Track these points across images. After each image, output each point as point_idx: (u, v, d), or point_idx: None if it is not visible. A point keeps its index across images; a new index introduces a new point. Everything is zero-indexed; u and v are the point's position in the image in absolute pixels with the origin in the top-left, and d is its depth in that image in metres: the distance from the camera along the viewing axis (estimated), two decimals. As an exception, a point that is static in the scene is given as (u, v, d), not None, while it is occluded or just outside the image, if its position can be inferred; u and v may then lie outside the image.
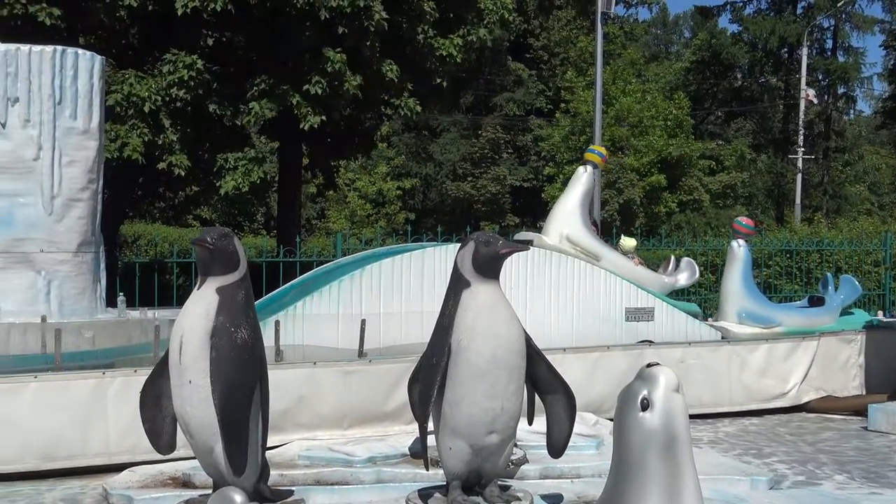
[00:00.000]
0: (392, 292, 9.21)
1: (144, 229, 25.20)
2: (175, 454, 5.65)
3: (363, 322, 8.42)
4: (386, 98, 16.61)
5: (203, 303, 5.23)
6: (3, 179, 9.58)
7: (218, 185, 15.64)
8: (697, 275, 11.42)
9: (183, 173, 14.99)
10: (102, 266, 10.25)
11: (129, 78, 14.59)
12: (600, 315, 10.16)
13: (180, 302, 12.93)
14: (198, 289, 5.32)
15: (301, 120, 15.12)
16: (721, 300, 11.57)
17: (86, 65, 9.96)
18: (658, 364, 4.31)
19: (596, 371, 9.14)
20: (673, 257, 11.66)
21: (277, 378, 6.82)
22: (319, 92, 14.85)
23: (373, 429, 7.97)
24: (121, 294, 10.43)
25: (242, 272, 5.36)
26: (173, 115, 14.93)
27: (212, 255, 5.23)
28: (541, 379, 5.60)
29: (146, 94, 14.46)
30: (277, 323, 8.15)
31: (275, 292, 10.26)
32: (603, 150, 11.59)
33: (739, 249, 11.42)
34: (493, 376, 5.32)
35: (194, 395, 5.13)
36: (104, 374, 7.33)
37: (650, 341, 10.09)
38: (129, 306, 10.65)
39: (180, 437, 5.43)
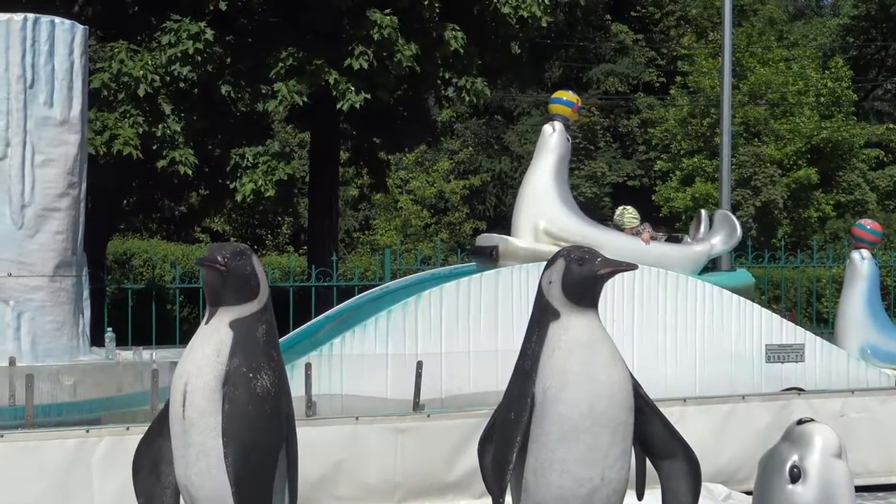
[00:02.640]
0: (456, 326, 9.20)
1: (139, 246, 25.63)
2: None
3: (419, 364, 8.42)
4: (447, 76, 16.66)
5: (213, 341, 5.26)
6: (-40, 184, 9.80)
7: (232, 187, 15.82)
8: (739, 233, 10.86)
9: (189, 173, 15.20)
10: (86, 293, 10.42)
11: (120, 52, 14.86)
12: (732, 354, 10.03)
13: (184, 339, 13.07)
14: (206, 323, 5.36)
15: (339, 99, 15.20)
16: (837, 329, 11.41)
17: (64, 37, 10.16)
18: (812, 420, 4.22)
19: (727, 428, 9.03)
20: (703, 213, 11.22)
21: (309, 437, 6.83)
22: (364, 66, 14.94)
23: (432, 502, 7.96)
24: (109, 329, 10.59)
25: (263, 301, 5.39)
26: (176, 99, 15.16)
27: (224, 279, 5.26)
28: (654, 439, 5.54)
29: (141, 72, 14.71)
30: (309, 366, 8.19)
31: (305, 326, 10.31)
32: (571, 97, 10.65)
33: (863, 263, 11.25)
34: (591, 436, 5.27)
35: (201, 461, 5.16)
36: (88, 432, 7.42)
37: (800, 389, 9.93)
38: (120, 345, 10.81)
39: (185, 514, 5.47)
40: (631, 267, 5.70)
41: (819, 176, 28.66)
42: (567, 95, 10.61)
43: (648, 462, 5.65)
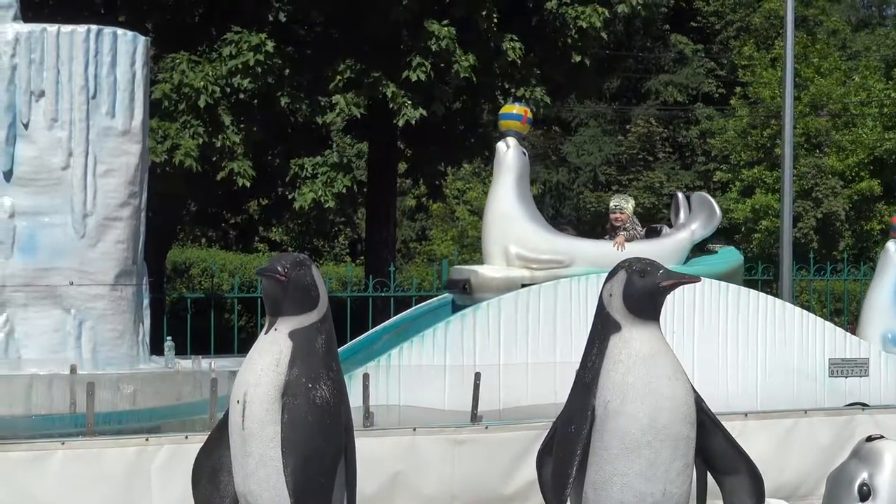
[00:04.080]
0: (515, 337, 9.17)
1: (198, 256, 25.83)
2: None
3: (477, 376, 8.39)
4: (505, 86, 16.64)
5: (273, 351, 5.27)
6: (24, 194, 9.96)
7: (291, 197, 15.90)
8: (718, 214, 10.50)
9: (248, 184, 15.29)
10: (146, 302, 10.53)
11: (181, 63, 15.00)
12: (794, 368, 9.93)
13: (243, 348, 13.15)
14: (265, 332, 5.37)
15: (396, 113, 15.26)
16: (862, 316, 11.30)
17: (126, 48, 10.29)
18: (881, 437, 4.13)
19: (789, 444, 8.90)
20: (681, 196, 10.81)
21: (366, 448, 6.81)
22: (422, 77, 14.97)
23: (490, 516, 7.91)
24: (168, 338, 10.67)
25: (323, 311, 5.39)
26: (236, 110, 15.27)
27: (284, 289, 5.27)
28: (716, 454, 5.48)
29: (201, 83, 14.83)
30: (366, 376, 8.18)
31: (363, 337, 10.32)
32: (519, 109, 10.29)
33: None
34: (653, 450, 5.23)
35: (260, 470, 5.16)
36: (147, 440, 7.45)
37: (864, 404, 9.78)
38: (179, 354, 10.88)
39: (243, 523, 5.47)
40: (693, 280, 5.66)
41: (882, 187, 28.28)
42: (514, 109, 10.32)
43: (710, 477, 5.60)
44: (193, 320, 14.98)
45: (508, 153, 9.91)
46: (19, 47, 10.00)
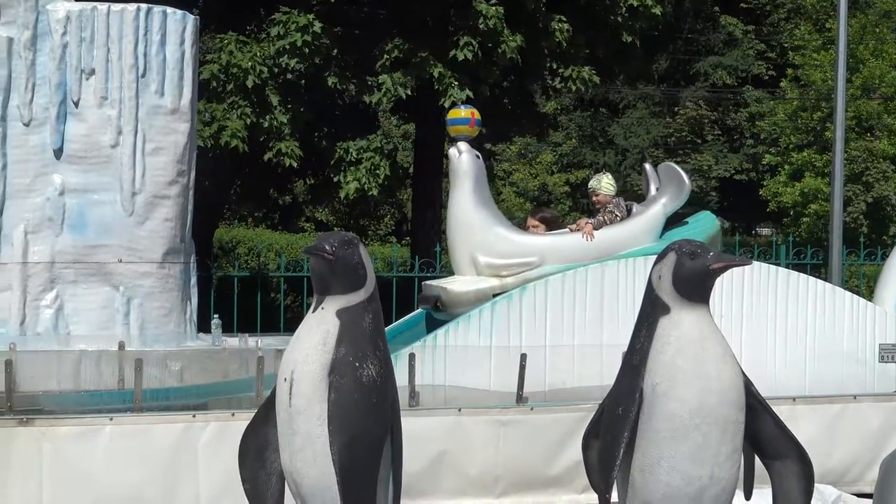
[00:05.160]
0: (561, 319, 9.13)
1: (244, 235, 25.95)
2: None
3: (523, 357, 8.38)
4: (553, 65, 16.57)
5: (320, 330, 5.27)
6: (74, 171, 10.05)
7: (336, 180, 15.94)
8: (687, 183, 9.94)
9: (295, 164, 15.34)
10: (193, 280, 10.59)
11: (229, 44, 15.05)
12: (844, 353, 9.82)
13: (288, 327, 13.22)
14: (313, 311, 5.38)
15: (442, 94, 15.24)
16: (879, 280, 11.06)
17: (176, 27, 10.34)
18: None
19: (838, 429, 8.84)
20: (648, 167, 10.30)
21: (412, 428, 6.81)
22: (469, 57, 14.94)
23: (534, 497, 7.91)
24: (215, 316, 10.73)
25: (370, 290, 5.39)
26: (283, 90, 15.30)
27: (332, 268, 5.27)
28: (765, 438, 5.43)
29: (249, 64, 14.89)
30: (412, 356, 8.20)
31: (409, 317, 10.32)
32: (465, 113, 9.86)
33: None
34: (701, 433, 5.19)
35: (307, 448, 5.18)
36: (194, 417, 7.52)
37: None
38: (226, 332, 10.94)
39: (289, 500, 5.50)
40: (744, 262, 5.62)
41: (934, 172, 27.93)
42: (461, 113, 9.93)
43: (758, 461, 5.56)
44: (240, 299, 15.06)
45: (462, 159, 9.55)
46: (70, 26, 10.07)
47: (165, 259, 10.10)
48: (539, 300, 9.12)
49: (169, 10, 10.39)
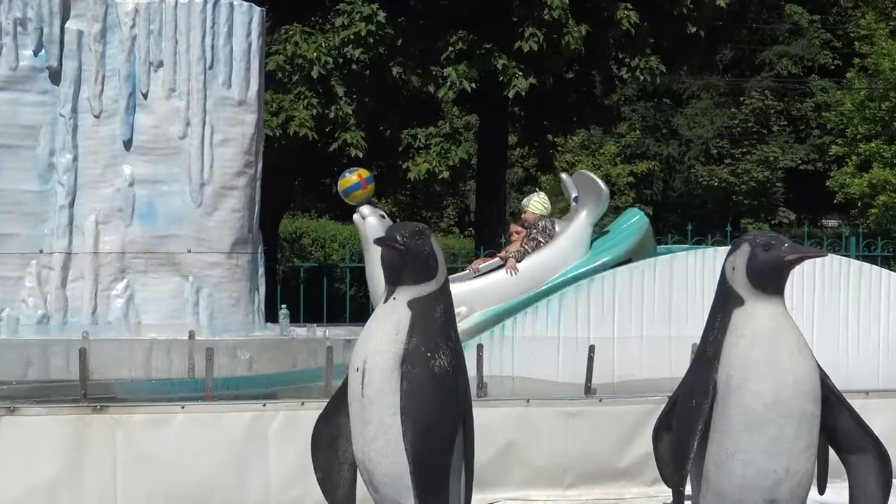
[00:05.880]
0: (630, 310, 9.10)
1: (308, 225, 26.06)
2: (354, 512, 5.75)
3: (592, 349, 8.33)
4: (619, 55, 16.48)
5: (391, 319, 5.27)
6: (143, 162, 10.18)
7: (405, 167, 15.96)
8: (605, 191, 9.55)
9: (360, 154, 15.39)
10: (261, 271, 10.67)
11: (294, 35, 15.13)
12: (918, 346, 9.68)
13: (354, 317, 13.26)
14: (384, 301, 5.38)
15: (506, 85, 15.21)
16: None
17: (242, 19, 10.42)
18: None
19: (911, 423, 8.70)
20: (564, 177, 10.01)
21: (480, 418, 6.77)
22: (533, 48, 14.89)
23: (602, 489, 7.84)
24: (283, 306, 10.81)
25: (441, 281, 5.38)
26: (348, 80, 15.36)
27: (403, 258, 5.27)
28: (841, 432, 5.36)
29: (315, 54, 14.96)
30: (480, 347, 8.19)
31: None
32: (352, 178, 9.73)
33: None
34: (776, 427, 5.13)
35: (379, 438, 5.19)
36: (265, 406, 7.56)
37: None
38: (292, 322, 11.01)
39: (361, 489, 5.52)
40: (820, 253, 5.55)
41: None
42: (351, 180, 9.75)
43: (833, 455, 5.48)
44: (305, 289, 15.14)
45: (366, 224, 9.47)
46: (139, 18, 10.18)
47: (234, 249, 10.19)
48: (607, 292, 9.09)
49: (235, 2, 10.47)
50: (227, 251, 10.15)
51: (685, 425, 5.31)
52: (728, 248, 5.66)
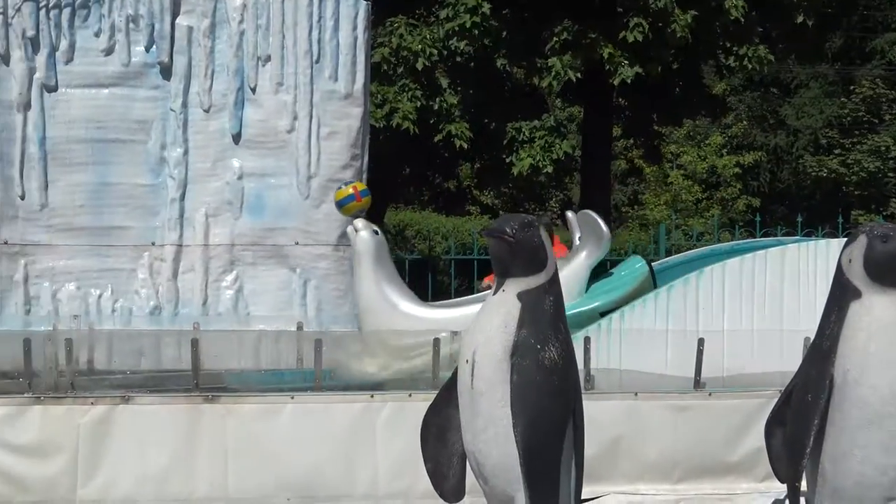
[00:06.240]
0: (740, 303, 8.97)
1: (411, 218, 26.18)
2: (462, 503, 5.76)
3: (701, 342, 8.25)
4: (727, 44, 16.26)
5: (501, 312, 5.28)
6: (251, 156, 10.31)
7: (509, 161, 15.96)
8: (606, 233, 9.21)
9: (465, 146, 15.43)
10: (367, 263, 10.73)
11: (399, 27, 15.20)
12: None
13: (458, 310, 13.22)
14: (493, 293, 5.39)
15: (611, 75, 15.12)
16: None
17: (348, 12, 10.48)
18: None
19: None
20: (569, 215, 9.63)
21: (587, 412, 6.75)
22: (639, 38, 14.78)
23: (712, 484, 7.81)
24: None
25: (550, 273, 5.37)
26: (453, 72, 15.40)
27: (512, 250, 5.27)
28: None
29: (419, 47, 15.01)
30: (587, 340, 8.16)
31: (582, 299, 10.27)
32: (346, 190, 9.48)
33: None
34: (895, 422, 5.05)
35: (489, 430, 5.20)
36: (372, 397, 7.65)
37: None
38: (399, 314, 11.05)
39: (470, 480, 5.53)
40: (943, 246, 5.38)
41: None
42: (346, 192, 9.48)
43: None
44: (409, 281, 15.19)
45: (359, 237, 9.23)
46: (246, 13, 10.32)
47: (340, 242, 10.26)
48: (716, 284, 8.97)
49: (341, -4, 10.55)
50: (333, 244, 10.23)
51: (801, 420, 5.24)
52: (841, 239, 5.56)
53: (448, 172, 20.32)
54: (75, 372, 7.95)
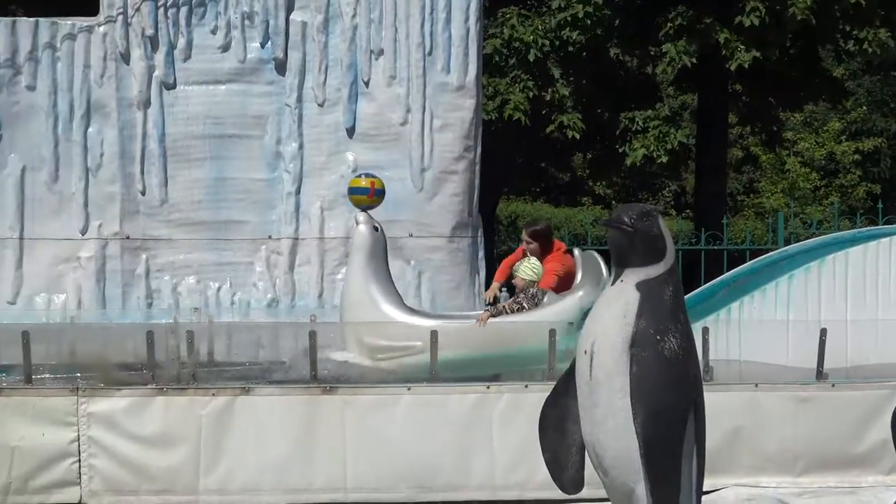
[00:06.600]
0: (863, 292, 8.84)
1: (522, 209, 26.13)
2: (581, 494, 5.73)
3: (823, 332, 8.10)
4: (847, 27, 15.90)
5: (620, 302, 5.22)
6: (365, 149, 10.41)
7: (622, 151, 15.85)
8: (604, 275, 8.69)
9: (577, 136, 15.37)
10: (481, 254, 10.76)
11: (511, 18, 15.20)
12: None
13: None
14: (612, 284, 5.35)
15: (728, 59, 14.90)
16: None
17: (460, 4, 10.52)
18: None
19: None
20: (576, 252, 9.28)
21: (707, 403, 6.69)
22: (756, 22, 14.54)
23: (836, 477, 7.71)
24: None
25: (669, 263, 5.29)
26: (565, 63, 15.34)
27: (631, 240, 5.21)
28: None
29: (531, 37, 14.98)
30: (706, 330, 8.06)
31: (700, 290, 10.14)
32: (363, 182, 9.18)
33: None
34: None
35: (608, 421, 5.15)
36: (488, 388, 7.67)
37: None
38: (509, 305, 11.04)
39: (588, 471, 5.50)
40: None
41: None
42: (360, 183, 9.22)
43: None
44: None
45: (357, 231, 9.02)
46: (360, 8, 10.41)
47: (454, 233, 10.31)
48: (839, 273, 8.83)
49: (454, -12, 10.57)
50: (447, 235, 10.28)
51: (932, 412, 5.12)
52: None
53: (560, 163, 20.24)
54: (196, 363, 8.10)
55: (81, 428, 7.41)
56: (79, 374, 8.01)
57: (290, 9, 10.40)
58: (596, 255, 9.27)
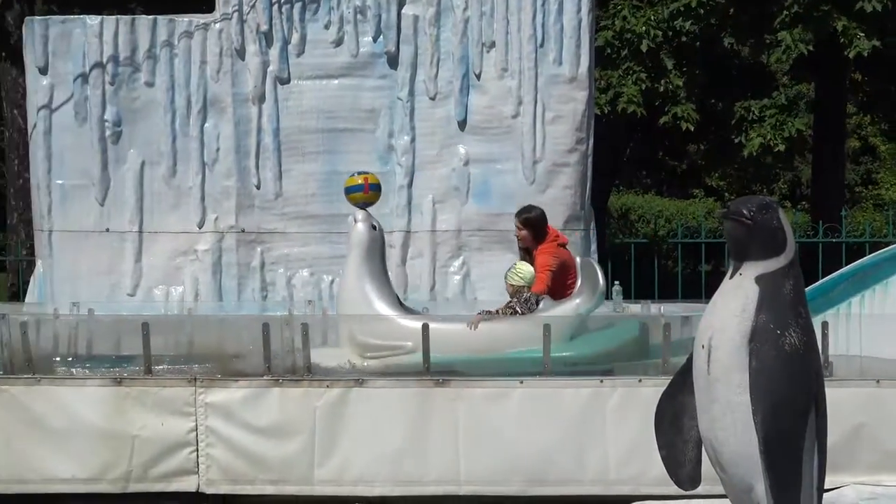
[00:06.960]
0: None
1: (633, 201, 25.94)
2: (697, 490, 5.67)
3: (947, 326, 7.90)
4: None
5: (738, 296, 5.15)
6: (477, 141, 10.43)
7: (738, 141, 15.62)
8: (602, 285, 8.63)
9: (691, 128, 15.20)
10: (594, 247, 10.73)
11: (623, 9, 15.07)
12: None
13: (685, 294, 13.05)
14: (730, 277, 5.27)
15: (846, 48, 14.57)
16: None
17: (575, -6, 10.45)
18: None
19: None
20: (578, 260, 9.01)
21: (827, 398, 6.60)
22: (877, 8, 14.19)
23: (962, 477, 7.48)
24: (616, 283, 10.78)
25: (790, 256, 5.21)
26: (678, 53, 15.18)
27: (750, 232, 5.13)
28: None
29: (643, 28, 14.84)
30: (825, 325, 7.90)
31: (819, 283, 9.95)
32: (357, 180, 8.97)
33: None
34: None
35: (727, 416, 5.08)
36: (602, 382, 7.62)
37: None
38: (624, 298, 10.95)
39: (705, 467, 5.44)
40: None
41: None
42: (353, 181, 9.01)
43: None
44: (636, 265, 15.04)
45: (355, 229, 8.88)
46: (471, 1, 10.43)
47: (566, 226, 10.26)
48: (964, 266, 8.59)
49: (580, -23, 10.52)
50: (560, 228, 10.20)
51: None
52: None
53: (674, 155, 20.04)
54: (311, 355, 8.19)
55: (199, 418, 7.55)
56: (196, 365, 8.15)
57: (401, 3, 10.47)
58: (594, 263, 9.17)
